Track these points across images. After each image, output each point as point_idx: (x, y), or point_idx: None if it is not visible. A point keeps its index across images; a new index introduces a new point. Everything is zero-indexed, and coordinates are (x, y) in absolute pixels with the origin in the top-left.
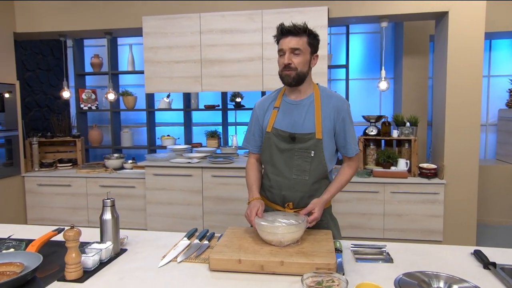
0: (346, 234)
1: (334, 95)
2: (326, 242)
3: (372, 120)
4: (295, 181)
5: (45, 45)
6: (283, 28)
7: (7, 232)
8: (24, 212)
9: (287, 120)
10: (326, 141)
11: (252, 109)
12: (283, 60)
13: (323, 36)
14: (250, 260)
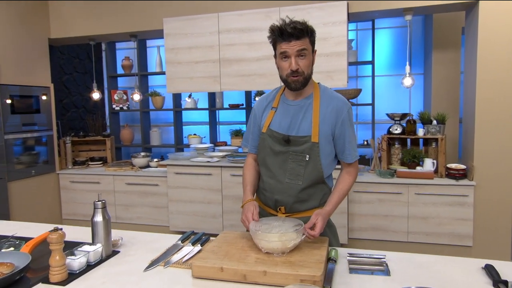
0: (367, 236)
1: (334, 96)
2: (318, 251)
3: (397, 118)
4: (288, 185)
5: (82, 49)
6: (284, 32)
7: (15, 230)
8: (59, 207)
9: (284, 121)
10: (323, 144)
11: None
12: (287, 65)
13: (342, 32)
14: (232, 268)
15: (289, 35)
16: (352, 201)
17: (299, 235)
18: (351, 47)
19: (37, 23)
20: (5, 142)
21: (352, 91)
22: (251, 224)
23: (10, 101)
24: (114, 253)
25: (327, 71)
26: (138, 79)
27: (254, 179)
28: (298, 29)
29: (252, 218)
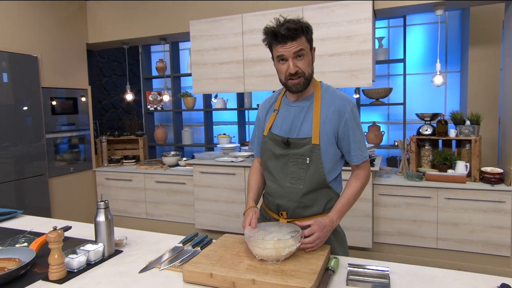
0: (393, 240)
1: (337, 95)
2: (315, 261)
3: (427, 118)
4: (289, 189)
5: (120, 53)
6: (278, 34)
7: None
8: (95, 203)
9: (285, 123)
10: (325, 147)
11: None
12: (286, 68)
13: (366, 29)
14: (221, 275)
15: (283, 37)
16: (377, 204)
17: (295, 242)
18: (382, 45)
19: (76, 29)
20: (46, 141)
21: (382, 90)
22: (246, 230)
23: (51, 103)
24: (117, 252)
25: (352, 70)
26: (171, 81)
27: (258, 185)
28: (292, 30)
29: (249, 224)
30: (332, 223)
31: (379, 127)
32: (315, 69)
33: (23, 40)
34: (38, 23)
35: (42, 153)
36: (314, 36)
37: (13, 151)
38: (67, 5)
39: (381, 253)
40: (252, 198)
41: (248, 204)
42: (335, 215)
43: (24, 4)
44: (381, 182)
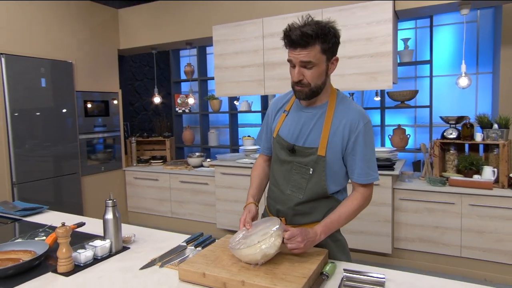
0: (414, 247)
1: (351, 108)
2: (308, 265)
3: (452, 122)
4: (289, 197)
5: (152, 58)
6: (288, 38)
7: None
8: (125, 201)
9: (294, 129)
10: (331, 159)
11: None
12: (293, 74)
13: (387, 31)
14: (213, 275)
15: (293, 42)
16: (398, 209)
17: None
18: (407, 47)
19: (108, 36)
20: (79, 142)
21: (407, 93)
22: (231, 239)
23: (84, 105)
24: (124, 249)
25: (371, 72)
26: (198, 84)
27: (260, 181)
28: (305, 36)
29: (243, 225)
30: (316, 236)
31: (404, 130)
32: (334, 71)
33: (60, 47)
34: (73, 31)
35: (76, 153)
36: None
37: (52, 150)
38: (100, 13)
39: (401, 259)
40: (251, 194)
41: (247, 200)
42: (321, 229)
43: (61, 14)
44: (402, 187)
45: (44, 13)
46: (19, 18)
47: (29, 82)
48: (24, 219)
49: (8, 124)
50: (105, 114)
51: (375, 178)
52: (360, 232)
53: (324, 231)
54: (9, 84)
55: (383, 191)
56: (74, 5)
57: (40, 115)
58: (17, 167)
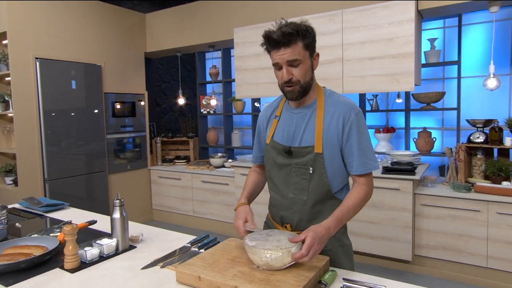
0: (436, 255)
1: (341, 101)
2: (305, 272)
3: (479, 125)
4: (293, 200)
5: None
6: (270, 40)
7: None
8: (150, 199)
9: (287, 131)
10: (329, 155)
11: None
12: (281, 75)
13: (409, 31)
14: (208, 279)
15: (276, 42)
16: (419, 215)
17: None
18: (434, 47)
19: (135, 39)
20: (106, 141)
21: (433, 94)
22: (247, 239)
23: (112, 106)
24: (131, 247)
25: (392, 74)
26: (222, 86)
27: (254, 184)
28: (287, 34)
29: (243, 228)
30: (329, 231)
31: (430, 133)
32: (354, 73)
33: (90, 51)
34: (103, 36)
35: (103, 152)
36: (353, 39)
37: (81, 149)
38: (129, 18)
39: (422, 267)
40: (244, 195)
41: (239, 200)
42: (333, 223)
43: (92, 20)
44: (424, 192)
45: (76, 19)
46: (53, 24)
47: (60, 84)
48: (46, 214)
49: (41, 124)
50: (132, 115)
51: (374, 166)
52: (379, 237)
53: (336, 224)
54: (43, 86)
55: (404, 196)
56: (104, 11)
57: (70, 115)
58: (49, 164)
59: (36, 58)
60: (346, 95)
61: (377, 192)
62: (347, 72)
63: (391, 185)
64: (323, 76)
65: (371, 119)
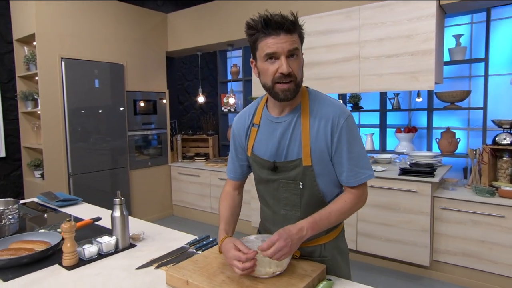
0: (456, 261)
1: (327, 103)
2: (296, 281)
3: (506, 126)
4: (285, 217)
5: (202, 59)
6: (270, 23)
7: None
8: (170, 195)
9: (271, 144)
10: (320, 167)
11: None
12: (275, 69)
13: (429, 27)
14: (195, 284)
15: (277, 25)
16: (438, 218)
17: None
18: (459, 43)
19: (157, 39)
20: (128, 138)
21: (458, 93)
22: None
23: (134, 104)
24: (131, 246)
25: (411, 72)
26: (242, 84)
27: (231, 215)
28: (290, 20)
29: (239, 253)
30: (301, 231)
31: (454, 134)
32: (371, 71)
33: (113, 51)
34: (125, 35)
35: (125, 148)
36: (371, 36)
37: (104, 145)
38: (151, 18)
39: (441, 273)
40: (224, 229)
41: (220, 236)
42: (307, 224)
43: (115, 20)
44: (443, 195)
45: (100, 20)
46: (77, 25)
47: (84, 83)
48: (59, 209)
49: (66, 121)
50: (153, 113)
51: (367, 176)
52: (395, 240)
53: (312, 227)
54: (67, 85)
55: (421, 199)
56: (127, 11)
57: (93, 113)
58: (73, 160)
59: (62, 58)
60: (363, 94)
61: (393, 194)
62: (364, 70)
63: (409, 187)
64: (339, 74)
65: (392, 118)
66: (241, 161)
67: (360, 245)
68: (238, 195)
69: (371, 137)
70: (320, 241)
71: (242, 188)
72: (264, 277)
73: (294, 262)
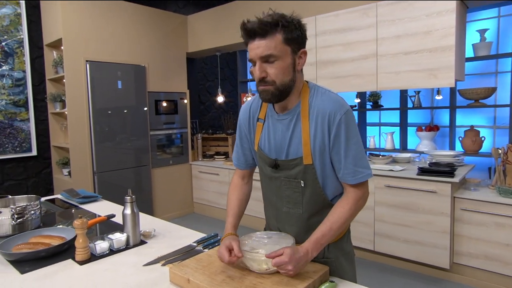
0: (478, 264)
1: (326, 99)
2: (297, 283)
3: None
4: (287, 214)
5: (223, 59)
6: (245, 28)
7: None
8: (191, 192)
9: (273, 142)
10: (321, 164)
11: None
12: (255, 71)
13: (449, 22)
14: (196, 282)
15: (250, 31)
16: (459, 220)
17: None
18: (484, 38)
19: (178, 41)
20: (149, 137)
21: (482, 90)
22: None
23: (155, 104)
24: (142, 243)
25: (430, 69)
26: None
27: (239, 207)
28: (263, 24)
29: (228, 256)
30: (307, 255)
31: (478, 132)
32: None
33: (135, 53)
34: (147, 38)
35: (147, 147)
36: (388, 33)
37: (126, 144)
38: (171, 20)
39: (462, 276)
40: (231, 223)
41: (226, 230)
42: (311, 247)
43: (137, 23)
44: (465, 196)
45: (122, 23)
46: (101, 29)
47: (107, 84)
48: (80, 206)
49: (91, 121)
50: (174, 112)
51: (365, 175)
52: (414, 241)
53: (316, 247)
54: (92, 87)
55: (441, 199)
56: (148, 14)
57: (116, 113)
58: (97, 158)
59: (87, 61)
60: (383, 92)
61: (411, 194)
62: (381, 68)
63: (427, 187)
64: (356, 72)
65: (412, 116)
66: (245, 150)
67: (377, 245)
68: (246, 185)
69: (392, 136)
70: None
71: (251, 178)
72: (258, 272)
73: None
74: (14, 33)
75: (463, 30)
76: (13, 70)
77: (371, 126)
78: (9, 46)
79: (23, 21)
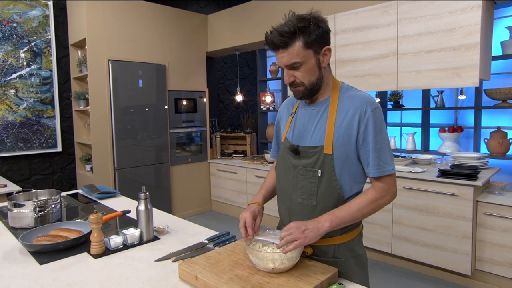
0: (502, 272)
1: (357, 96)
2: (304, 284)
3: None
4: (301, 206)
5: (242, 59)
6: (268, 43)
7: (119, 205)
8: (209, 190)
9: (298, 128)
10: (341, 156)
11: None
12: (285, 77)
13: (474, 19)
14: (203, 280)
15: (274, 45)
16: (481, 225)
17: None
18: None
19: (198, 40)
20: (169, 135)
21: (510, 90)
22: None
23: (175, 103)
24: (155, 239)
25: (453, 68)
26: (281, 83)
27: (273, 185)
28: (282, 36)
29: (245, 229)
30: (318, 224)
31: (505, 134)
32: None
33: (155, 52)
34: (167, 37)
35: (166, 145)
36: (409, 31)
37: (146, 142)
38: (192, 20)
39: (485, 284)
40: (262, 194)
41: (255, 197)
42: (328, 218)
43: (158, 23)
44: (488, 200)
45: (144, 23)
46: (123, 29)
47: (129, 83)
48: (99, 201)
49: (112, 119)
50: (193, 111)
51: (388, 170)
52: (433, 245)
53: (331, 219)
54: (114, 85)
55: (462, 203)
56: (169, 14)
57: (137, 111)
58: (118, 155)
59: (109, 60)
60: (405, 92)
61: (431, 196)
62: (402, 67)
63: (448, 190)
64: (376, 71)
65: (435, 117)
66: (280, 142)
67: (395, 248)
68: None
69: (413, 136)
70: (334, 240)
71: None
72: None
73: (306, 261)
74: (42, 33)
75: (489, 27)
76: (40, 69)
77: (392, 126)
78: (37, 46)
79: (50, 22)
